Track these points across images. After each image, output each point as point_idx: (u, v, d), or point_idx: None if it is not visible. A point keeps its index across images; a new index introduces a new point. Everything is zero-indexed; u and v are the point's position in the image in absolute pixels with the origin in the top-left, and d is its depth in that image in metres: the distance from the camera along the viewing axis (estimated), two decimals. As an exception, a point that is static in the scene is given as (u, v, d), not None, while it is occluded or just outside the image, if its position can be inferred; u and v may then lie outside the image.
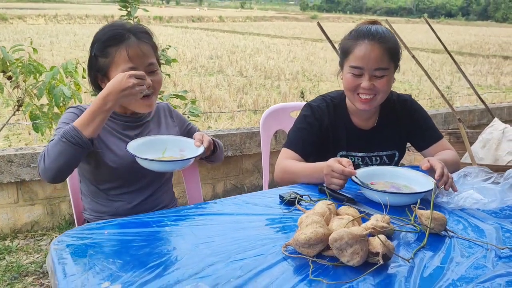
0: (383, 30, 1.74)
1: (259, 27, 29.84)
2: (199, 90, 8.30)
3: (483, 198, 1.43)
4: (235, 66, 11.80)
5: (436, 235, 1.24)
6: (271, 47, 17.17)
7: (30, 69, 3.39)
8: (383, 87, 1.71)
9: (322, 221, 1.12)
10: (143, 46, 1.58)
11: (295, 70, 11.37)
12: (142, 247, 1.13)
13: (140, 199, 1.69)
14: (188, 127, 1.87)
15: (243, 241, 1.17)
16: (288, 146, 1.81)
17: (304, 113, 1.85)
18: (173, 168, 1.59)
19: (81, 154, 1.43)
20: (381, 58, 1.68)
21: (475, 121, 4.67)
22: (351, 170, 1.46)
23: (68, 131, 1.41)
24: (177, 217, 1.31)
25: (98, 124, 1.44)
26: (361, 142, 1.83)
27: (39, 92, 3.33)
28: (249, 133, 3.45)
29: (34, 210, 3.00)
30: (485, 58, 15.81)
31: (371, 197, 1.45)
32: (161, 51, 4.15)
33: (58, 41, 15.60)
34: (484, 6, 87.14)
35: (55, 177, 1.45)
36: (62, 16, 29.23)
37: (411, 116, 1.89)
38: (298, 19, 45.24)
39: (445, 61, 14.20)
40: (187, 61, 12.21)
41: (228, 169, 3.52)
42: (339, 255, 1.06)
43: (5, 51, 3.40)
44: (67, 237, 1.18)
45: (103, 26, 1.67)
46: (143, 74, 1.48)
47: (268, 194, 1.50)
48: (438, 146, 1.87)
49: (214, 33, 23.45)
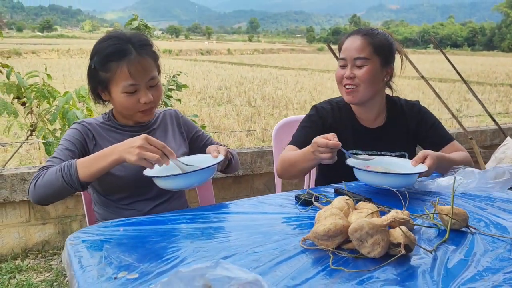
0: (374, 29, 1.83)
1: (266, 59, 30.30)
2: (208, 119, 8.38)
3: (462, 178, 1.50)
4: (244, 96, 11.93)
5: (458, 231, 1.21)
6: (279, 78, 17.38)
7: (44, 94, 3.46)
8: (363, 77, 1.75)
9: (341, 214, 1.10)
10: (144, 61, 1.55)
11: (302, 99, 11.46)
12: (158, 242, 1.11)
13: (151, 206, 1.67)
14: (196, 134, 1.83)
15: (260, 236, 1.15)
16: (290, 142, 1.89)
17: (309, 113, 1.93)
18: (198, 180, 1.42)
19: (69, 192, 1.40)
20: (362, 49, 1.75)
21: (487, 141, 4.62)
22: (335, 142, 1.50)
23: (66, 166, 1.39)
24: (193, 215, 1.30)
25: (96, 170, 1.37)
26: (368, 140, 1.86)
27: (52, 116, 3.38)
28: (260, 152, 3.45)
29: (46, 229, 2.98)
30: (493, 86, 15.83)
31: (363, 179, 1.49)
32: (172, 77, 4.23)
33: (71, 74, 15.95)
34: (489, 37, 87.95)
35: (39, 202, 1.43)
36: (74, 51, 29.97)
37: (419, 119, 1.90)
38: (305, 51, 45.93)
39: (453, 89, 14.25)
40: (196, 92, 12.37)
41: (239, 189, 3.49)
42: (359, 247, 1.03)
43: (20, 77, 3.48)
44: (82, 233, 1.17)
45: (103, 36, 1.63)
46: (159, 146, 1.36)
47: (283, 196, 1.48)
48: (449, 148, 1.86)
49: (222, 65, 23.84)
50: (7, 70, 3.43)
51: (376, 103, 1.86)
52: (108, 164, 1.37)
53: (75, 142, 1.57)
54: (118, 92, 1.55)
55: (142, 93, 1.56)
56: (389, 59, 1.81)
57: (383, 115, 1.90)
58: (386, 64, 1.80)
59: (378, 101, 1.86)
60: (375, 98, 1.84)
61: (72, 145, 1.56)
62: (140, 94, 1.55)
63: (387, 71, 1.82)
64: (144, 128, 1.70)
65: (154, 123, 1.74)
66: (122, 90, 1.53)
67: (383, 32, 1.83)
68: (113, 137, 1.63)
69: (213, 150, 1.57)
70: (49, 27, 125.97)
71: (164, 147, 1.35)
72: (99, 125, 1.66)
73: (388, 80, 1.86)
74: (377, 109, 1.87)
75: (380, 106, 1.88)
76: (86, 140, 1.60)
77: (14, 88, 3.45)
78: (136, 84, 1.54)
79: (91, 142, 1.61)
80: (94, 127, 1.64)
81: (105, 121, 1.68)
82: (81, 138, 1.59)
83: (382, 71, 1.80)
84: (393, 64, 1.86)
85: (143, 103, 1.56)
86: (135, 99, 1.56)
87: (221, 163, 1.56)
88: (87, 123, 1.64)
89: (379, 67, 1.78)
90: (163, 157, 1.33)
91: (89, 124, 1.64)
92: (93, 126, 1.65)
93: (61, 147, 1.54)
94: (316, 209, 1.32)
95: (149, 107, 1.60)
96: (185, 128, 1.82)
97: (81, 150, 1.58)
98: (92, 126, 1.64)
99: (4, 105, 3.33)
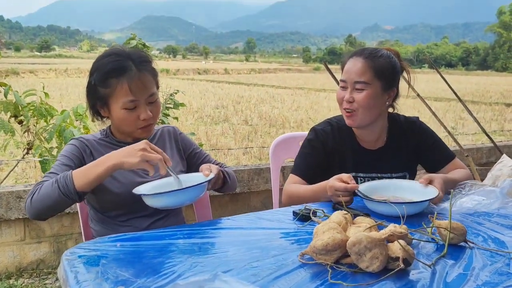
0: (377, 50, 1.77)
1: (263, 79, 30.53)
2: (205, 138, 8.39)
3: (484, 198, 1.44)
4: (240, 115, 11.97)
5: (456, 245, 1.20)
6: (276, 97, 17.47)
7: (42, 112, 3.46)
8: (362, 101, 1.71)
9: (339, 228, 1.10)
10: (144, 77, 1.56)
11: (299, 118, 11.51)
12: (155, 257, 1.11)
13: (148, 223, 1.66)
14: (194, 151, 1.82)
15: (258, 251, 1.14)
16: (293, 171, 1.84)
17: (309, 137, 1.88)
18: (187, 198, 1.42)
19: (66, 204, 1.40)
20: (362, 73, 1.71)
21: (483, 159, 4.64)
22: (353, 185, 1.49)
23: (62, 177, 1.38)
24: (190, 231, 1.29)
25: (93, 177, 1.37)
26: (369, 163, 1.82)
27: (49, 135, 3.38)
28: (257, 170, 3.45)
29: (41, 248, 2.95)
30: (488, 105, 15.96)
31: (376, 209, 1.46)
32: (169, 96, 4.25)
33: (68, 94, 15.99)
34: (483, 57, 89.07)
35: (37, 217, 1.43)
36: (72, 70, 30.11)
37: (419, 137, 1.88)
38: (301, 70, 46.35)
39: (448, 108, 14.36)
40: (194, 110, 12.41)
41: (236, 206, 3.48)
42: (358, 261, 1.03)
43: (17, 95, 3.48)
44: (79, 248, 1.16)
45: (103, 53, 1.64)
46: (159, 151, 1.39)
47: (281, 212, 1.48)
48: (451, 166, 1.85)
49: (219, 85, 23.98)
50: (4, 88, 3.44)
51: (377, 125, 1.82)
52: (105, 171, 1.36)
53: (73, 158, 1.57)
54: (117, 108, 1.55)
55: (142, 109, 1.56)
56: (391, 83, 1.77)
57: (384, 136, 1.86)
58: (388, 87, 1.76)
59: (379, 123, 1.82)
60: (377, 121, 1.80)
61: (70, 160, 1.56)
62: (139, 111, 1.56)
63: (389, 95, 1.78)
64: None
65: (152, 139, 1.74)
66: (122, 106, 1.54)
67: (386, 53, 1.78)
68: None
69: (205, 168, 1.56)
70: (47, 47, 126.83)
71: (162, 153, 1.38)
72: (97, 141, 1.66)
73: (391, 102, 1.83)
74: (379, 130, 1.84)
75: (382, 127, 1.84)
76: (84, 155, 1.60)
77: (11, 106, 3.46)
78: (136, 100, 1.55)
79: (88, 158, 1.60)
80: (91, 143, 1.64)
81: (103, 137, 1.69)
82: (78, 154, 1.59)
83: (384, 95, 1.76)
84: (397, 86, 1.81)
85: (142, 119, 1.56)
86: (135, 115, 1.56)
87: (213, 181, 1.54)
88: (84, 139, 1.64)
89: (380, 91, 1.73)
90: (162, 161, 1.35)
91: (86, 140, 1.64)
92: (91, 142, 1.65)
93: (58, 163, 1.54)
94: (314, 224, 1.31)
95: (148, 123, 1.60)
96: (183, 145, 1.82)
97: (79, 165, 1.57)
98: (89, 142, 1.64)
99: (1, 123, 3.33)
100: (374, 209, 1.47)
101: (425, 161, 1.90)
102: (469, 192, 1.55)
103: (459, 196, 1.55)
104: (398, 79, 1.82)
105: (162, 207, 1.45)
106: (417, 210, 1.44)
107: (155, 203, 1.40)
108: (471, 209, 1.48)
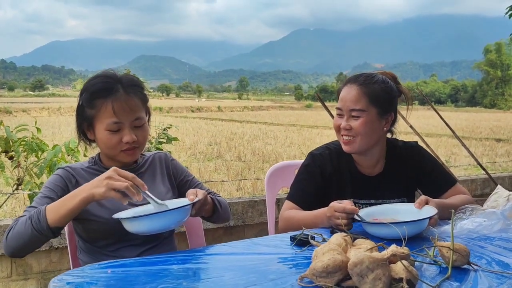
0: (372, 76, 1.75)
1: (256, 116, 30.79)
2: (198, 174, 8.34)
3: (486, 220, 1.41)
4: (234, 151, 11.98)
5: (460, 268, 1.16)
6: (268, 134, 17.57)
7: (33, 147, 3.43)
8: (359, 129, 1.70)
9: (339, 249, 1.06)
10: (131, 100, 1.54)
11: (292, 154, 11.54)
12: (147, 283, 1.05)
13: (138, 252, 1.59)
14: (186, 178, 1.77)
15: (255, 276, 1.10)
16: (289, 198, 1.80)
17: (306, 162, 1.85)
18: (169, 222, 1.35)
19: (40, 241, 1.36)
20: (357, 100, 1.70)
21: (477, 191, 4.62)
22: (352, 207, 1.46)
23: (35, 213, 1.36)
24: (184, 256, 1.24)
25: (65, 212, 1.34)
26: (367, 189, 1.79)
27: (39, 170, 3.33)
28: (251, 202, 3.39)
29: (27, 285, 2.84)
30: (478, 141, 16.13)
31: (375, 232, 1.43)
32: (163, 130, 4.25)
33: (60, 132, 15.97)
34: (471, 94, 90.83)
35: (13, 255, 1.40)
36: (65, 109, 30.20)
37: (419, 163, 1.84)
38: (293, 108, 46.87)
39: (440, 144, 14.49)
40: (187, 147, 12.41)
41: (230, 240, 3.38)
42: (360, 283, 0.98)
43: (8, 130, 3.45)
44: (67, 276, 1.11)
45: (94, 75, 1.64)
46: (129, 177, 1.34)
47: (278, 238, 1.44)
48: (452, 192, 1.81)
49: (213, 122, 24.12)
50: (-5, 124, 3.41)
51: (376, 151, 1.79)
52: (77, 204, 1.33)
53: (56, 189, 1.53)
54: (101, 130, 1.53)
55: (126, 132, 1.54)
56: (387, 108, 1.75)
57: (382, 161, 1.83)
58: (384, 113, 1.74)
59: (378, 149, 1.80)
60: (375, 146, 1.77)
61: (52, 192, 1.52)
62: (123, 133, 1.53)
63: (387, 120, 1.76)
64: (131, 171, 1.65)
65: (142, 166, 1.70)
66: (105, 128, 1.52)
67: (382, 78, 1.76)
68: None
69: (191, 193, 1.51)
70: (41, 86, 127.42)
71: (134, 178, 1.32)
72: (84, 170, 1.63)
73: (389, 127, 1.81)
74: (377, 156, 1.81)
75: (380, 153, 1.82)
76: (69, 185, 1.56)
77: (2, 141, 3.42)
78: (120, 122, 1.52)
79: (73, 188, 1.55)
80: (78, 172, 1.61)
81: (91, 165, 1.65)
82: (62, 185, 1.55)
83: (381, 120, 1.74)
84: (395, 111, 1.79)
85: (125, 142, 1.53)
86: (118, 138, 1.53)
87: (197, 206, 1.48)
88: (71, 169, 1.60)
89: (376, 117, 1.72)
90: (133, 188, 1.29)
91: (73, 170, 1.61)
92: (78, 171, 1.61)
93: (41, 195, 1.51)
94: (312, 249, 1.27)
95: (132, 146, 1.56)
96: (174, 171, 1.77)
97: (62, 196, 1.52)
98: (76, 171, 1.61)
99: (-9, 158, 3.29)
100: (373, 233, 1.43)
101: (425, 187, 1.85)
102: (469, 216, 1.52)
103: (459, 220, 1.52)
104: (395, 103, 1.80)
105: (144, 232, 1.38)
106: (417, 230, 1.41)
107: (135, 228, 1.34)
108: (472, 230, 1.46)
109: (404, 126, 3.68)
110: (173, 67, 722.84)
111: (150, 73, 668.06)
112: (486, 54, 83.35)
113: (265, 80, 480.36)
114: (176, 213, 1.34)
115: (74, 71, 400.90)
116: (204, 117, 29.08)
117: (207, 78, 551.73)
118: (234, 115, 32.42)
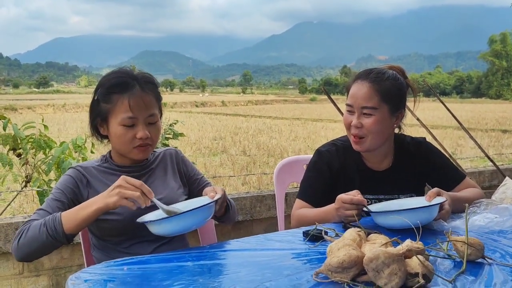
0: (383, 72, 1.72)
1: (260, 110, 30.76)
2: (204, 169, 8.37)
3: (497, 216, 1.41)
4: (239, 146, 12.00)
5: (474, 262, 1.17)
6: (273, 128, 17.56)
7: (41, 144, 3.44)
8: (370, 127, 1.67)
9: (354, 245, 1.06)
10: (146, 97, 1.56)
11: (297, 147, 11.54)
12: (164, 279, 1.06)
13: (151, 249, 1.61)
14: (195, 176, 1.78)
15: (270, 271, 1.10)
16: (299, 196, 1.81)
17: (314, 160, 1.84)
18: (195, 221, 1.35)
19: (54, 246, 1.39)
20: (369, 97, 1.67)
21: (485, 183, 4.61)
22: (359, 198, 1.46)
23: (51, 220, 1.37)
24: (198, 253, 1.25)
25: (81, 220, 1.37)
26: (375, 184, 1.78)
27: (47, 167, 3.35)
28: (259, 197, 3.40)
29: (39, 282, 2.87)
30: (484, 132, 16.06)
31: (387, 223, 1.43)
32: (169, 126, 4.26)
33: (66, 128, 16.01)
34: (476, 85, 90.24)
35: (23, 259, 1.41)
36: (70, 105, 30.30)
37: (427, 158, 1.83)
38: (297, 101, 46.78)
39: (445, 135, 14.43)
40: (192, 142, 12.44)
41: (238, 235, 3.41)
42: (376, 278, 0.99)
43: (16, 128, 3.47)
44: (84, 273, 1.12)
45: (109, 71, 1.67)
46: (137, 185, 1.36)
47: (290, 233, 1.45)
48: (462, 186, 1.80)
49: (217, 116, 24.12)
50: (3, 121, 3.43)
51: (384, 147, 1.78)
52: (92, 214, 1.36)
53: (66, 191, 1.54)
54: (116, 124, 1.54)
55: (140, 127, 1.55)
56: (398, 105, 1.74)
57: (391, 157, 1.83)
58: (395, 110, 1.72)
59: (386, 145, 1.78)
60: (384, 144, 1.77)
61: (62, 195, 1.53)
62: (137, 129, 1.54)
63: (397, 117, 1.75)
64: (142, 168, 1.67)
65: (153, 162, 1.71)
66: (120, 122, 1.53)
67: (392, 74, 1.74)
68: (109, 179, 1.58)
69: (209, 190, 1.52)
70: (46, 83, 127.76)
71: (142, 185, 1.35)
72: (95, 168, 1.63)
73: (399, 123, 1.80)
74: (385, 152, 1.80)
75: (388, 149, 1.81)
76: (80, 186, 1.57)
77: (10, 139, 3.44)
78: (134, 118, 1.53)
79: (85, 188, 1.58)
80: (89, 171, 1.61)
81: (102, 163, 1.66)
82: (73, 186, 1.56)
83: (392, 118, 1.72)
84: (404, 107, 1.78)
85: (139, 138, 1.54)
86: (132, 133, 1.54)
87: (219, 203, 1.50)
88: (82, 168, 1.61)
89: (387, 115, 1.70)
90: (142, 195, 1.33)
91: (84, 169, 1.61)
92: (89, 170, 1.62)
93: (51, 197, 1.52)
94: (326, 244, 1.27)
95: (145, 143, 1.57)
96: (184, 168, 1.78)
97: (72, 198, 1.54)
98: (87, 170, 1.61)
99: (0, 156, 3.30)
100: (385, 224, 1.44)
101: (434, 182, 1.83)
102: (484, 210, 1.51)
103: (472, 214, 1.52)
104: (405, 99, 1.79)
105: (170, 234, 1.38)
106: (428, 217, 1.41)
107: (161, 230, 1.34)
108: (483, 227, 1.45)
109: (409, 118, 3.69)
110: (176, 62, 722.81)
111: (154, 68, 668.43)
112: (491, 44, 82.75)
113: (268, 74, 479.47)
114: (202, 211, 1.35)
115: (78, 68, 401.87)
116: (209, 112, 29.12)
117: (210, 73, 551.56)
118: (238, 109, 32.44)
